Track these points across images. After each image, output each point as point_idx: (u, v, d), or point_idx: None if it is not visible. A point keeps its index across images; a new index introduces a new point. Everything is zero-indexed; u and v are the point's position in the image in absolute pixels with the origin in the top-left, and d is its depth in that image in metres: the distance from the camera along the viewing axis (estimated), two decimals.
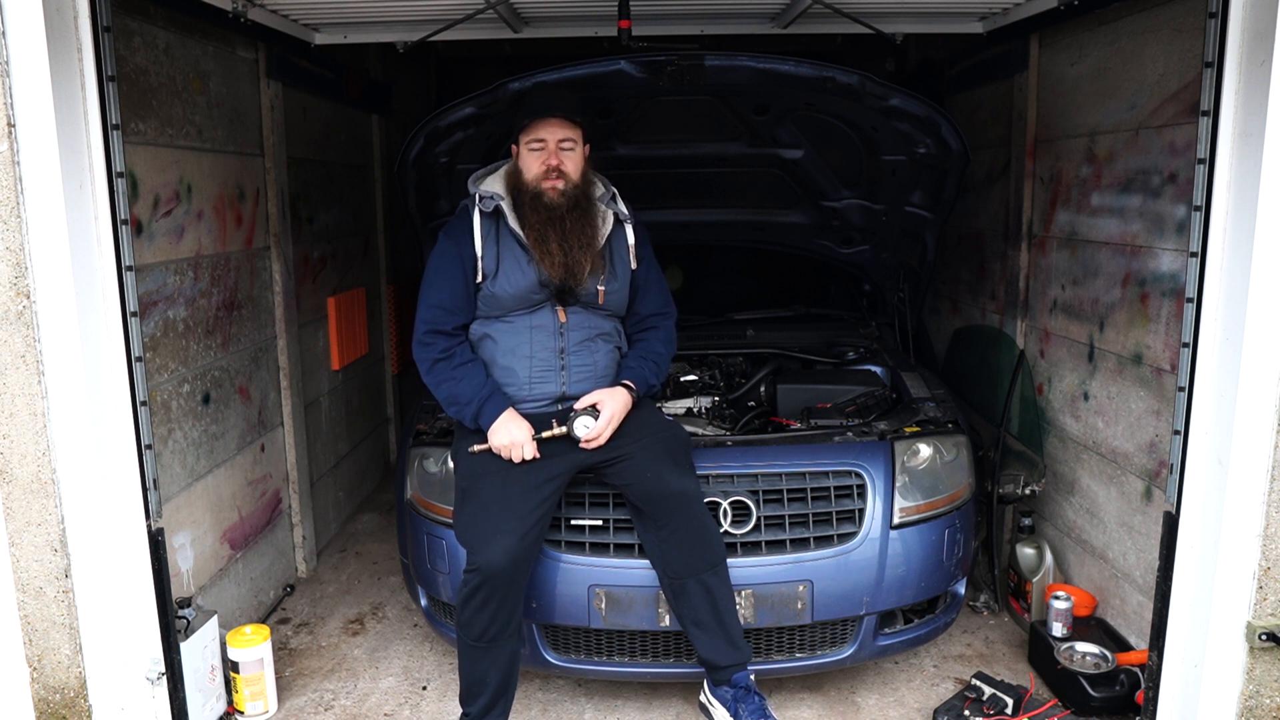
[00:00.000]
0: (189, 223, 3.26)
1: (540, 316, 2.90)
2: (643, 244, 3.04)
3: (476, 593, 2.69)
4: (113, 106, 2.48)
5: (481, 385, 2.85)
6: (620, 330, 3.07)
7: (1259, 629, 2.53)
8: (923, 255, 4.13)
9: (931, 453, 3.14)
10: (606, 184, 3.01)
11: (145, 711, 2.72)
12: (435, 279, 2.92)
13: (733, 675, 2.87)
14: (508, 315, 2.90)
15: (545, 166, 2.83)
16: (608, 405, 2.83)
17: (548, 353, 2.90)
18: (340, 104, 4.82)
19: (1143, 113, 3.12)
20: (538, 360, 2.90)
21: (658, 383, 3.05)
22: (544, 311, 2.90)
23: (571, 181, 2.86)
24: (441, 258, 2.92)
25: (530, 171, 2.86)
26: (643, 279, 3.05)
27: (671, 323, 3.15)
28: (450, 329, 2.90)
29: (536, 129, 2.85)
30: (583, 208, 2.87)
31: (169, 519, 3.00)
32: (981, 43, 3.95)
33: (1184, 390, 2.61)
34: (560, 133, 2.85)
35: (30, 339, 2.37)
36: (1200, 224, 2.52)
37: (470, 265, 2.87)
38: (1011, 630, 3.72)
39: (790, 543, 2.91)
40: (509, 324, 2.91)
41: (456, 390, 2.85)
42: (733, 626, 2.84)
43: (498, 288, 2.86)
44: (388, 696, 3.33)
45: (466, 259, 2.87)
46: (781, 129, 3.84)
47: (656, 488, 2.81)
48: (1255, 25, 2.36)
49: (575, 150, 2.89)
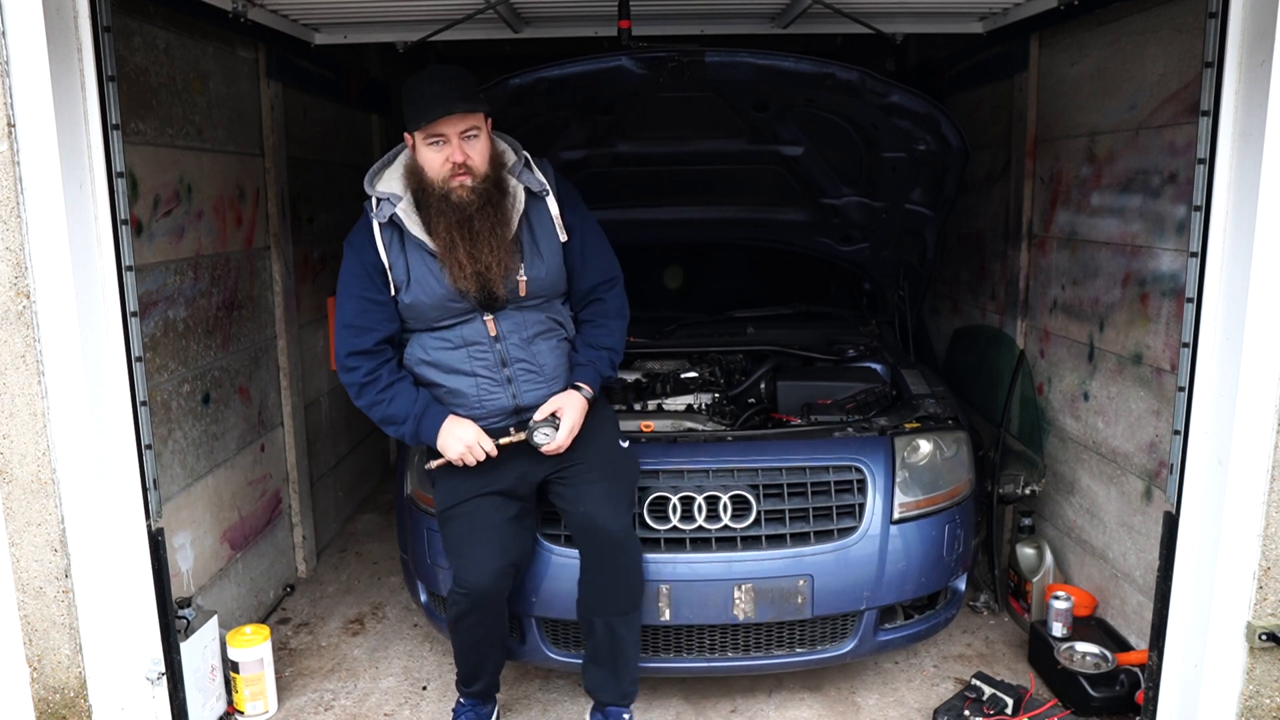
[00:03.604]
0: (189, 223, 3.26)
1: (471, 329, 2.68)
2: (571, 210, 2.74)
3: (468, 614, 2.77)
4: (113, 106, 2.48)
5: (414, 401, 2.68)
6: (563, 313, 2.81)
7: (1259, 629, 2.53)
8: (923, 253, 4.13)
9: (931, 448, 3.14)
10: (517, 149, 2.72)
11: (145, 711, 2.72)
12: (343, 298, 2.69)
13: (608, 708, 2.95)
14: (436, 328, 2.69)
15: (451, 164, 2.54)
16: (567, 414, 2.71)
17: (489, 368, 2.70)
18: (340, 104, 4.82)
19: (1143, 113, 3.12)
20: (481, 377, 2.70)
21: (614, 373, 2.92)
22: (473, 324, 2.68)
23: (480, 174, 2.56)
24: (347, 273, 2.69)
25: (433, 170, 2.56)
26: (578, 249, 2.75)
27: (619, 289, 2.90)
28: (370, 347, 2.67)
29: (436, 125, 2.51)
30: (495, 200, 2.59)
31: (169, 519, 2.99)
32: (981, 43, 3.95)
33: (1184, 390, 2.61)
34: (462, 124, 2.52)
35: (30, 339, 2.37)
36: (1200, 224, 2.52)
37: (379, 277, 2.64)
38: (1011, 630, 3.71)
39: (790, 537, 2.92)
40: (442, 340, 2.69)
41: (390, 411, 2.68)
42: (625, 671, 2.89)
43: (413, 298, 2.64)
44: (388, 696, 3.33)
45: (374, 270, 2.64)
46: (781, 126, 3.84)
47: (587, 524, 2.77)
48: (1255, 25, 2.36)
49: (480, 136, 2.56)
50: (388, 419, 2.70)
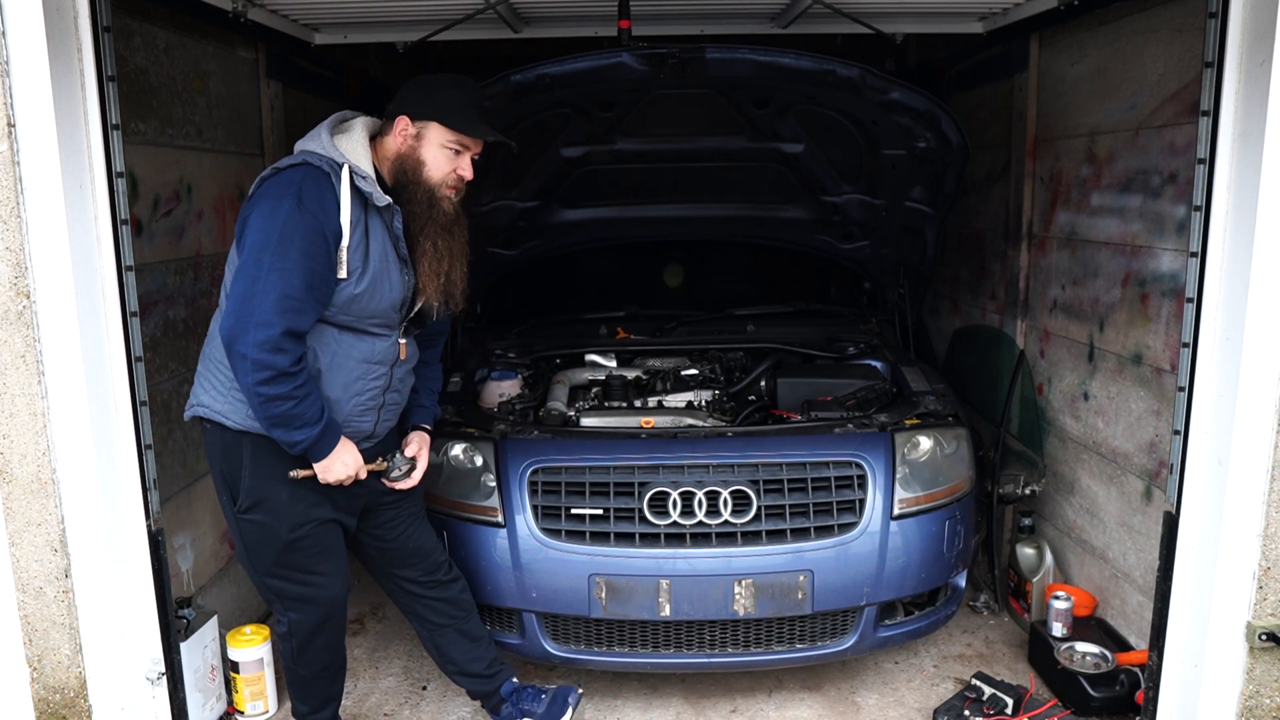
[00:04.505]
0: (189, 222, 3.27)
1: (383, 346, 2.53)
2: None
3: (319, 634, 2.71)
4: (113, 106, 2.48)
5: (321, 409, 2.40)
6: None
7: (1259, 629, 2.53)
8: (923, 251, 4.13)
9: (932, 445, 3.14)
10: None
11: (145, 711, 2.72)
12: (287, 262, 2.26)
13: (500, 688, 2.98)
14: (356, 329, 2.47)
15: (457, 176, 2.53)
16: (424, 456, 2.76)
17: (374, 390, 2.55)
18: (340, 104, 4.79)
19: (1143, 113, 3.12)
20: (365, 397, 2.54)
21: None
22: (388, 341, 2.54)
23: (461, 195, 2.60)
24: (295, 233, 2.27)
25: (436, 171, 2.49)
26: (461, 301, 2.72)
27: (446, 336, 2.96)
28: (306, 329, 2.36)
29: (470, 138, 2.52)
30: (461, 222, 2.60)
31: (169, 519, 2.99)
32: (981, 43, 3.95)
33: (1184, 390, 2.61)
34: (478, 149, 2.58)
35: (30, 339, 2.37)
36: (1200, 224, 2.52)
37: (333, 250, 2.35)
38: (1011, 630, 3.72)
39: (791, 533, 2.92)
40: (345, 346, 2.46)
41: (300, 410, 2.34)
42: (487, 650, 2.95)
43: (364, 290, 2.41)
44: (388, 696, 3.33)
45: (333, 242, 2.34)
46: (782, 123, 3.84)
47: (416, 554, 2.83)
48: (1255, 25, 2.36)
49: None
50: (290, 419, 2.34)
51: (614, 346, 3.94)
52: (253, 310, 2.26)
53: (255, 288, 2.27)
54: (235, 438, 2.49)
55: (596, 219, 4.33)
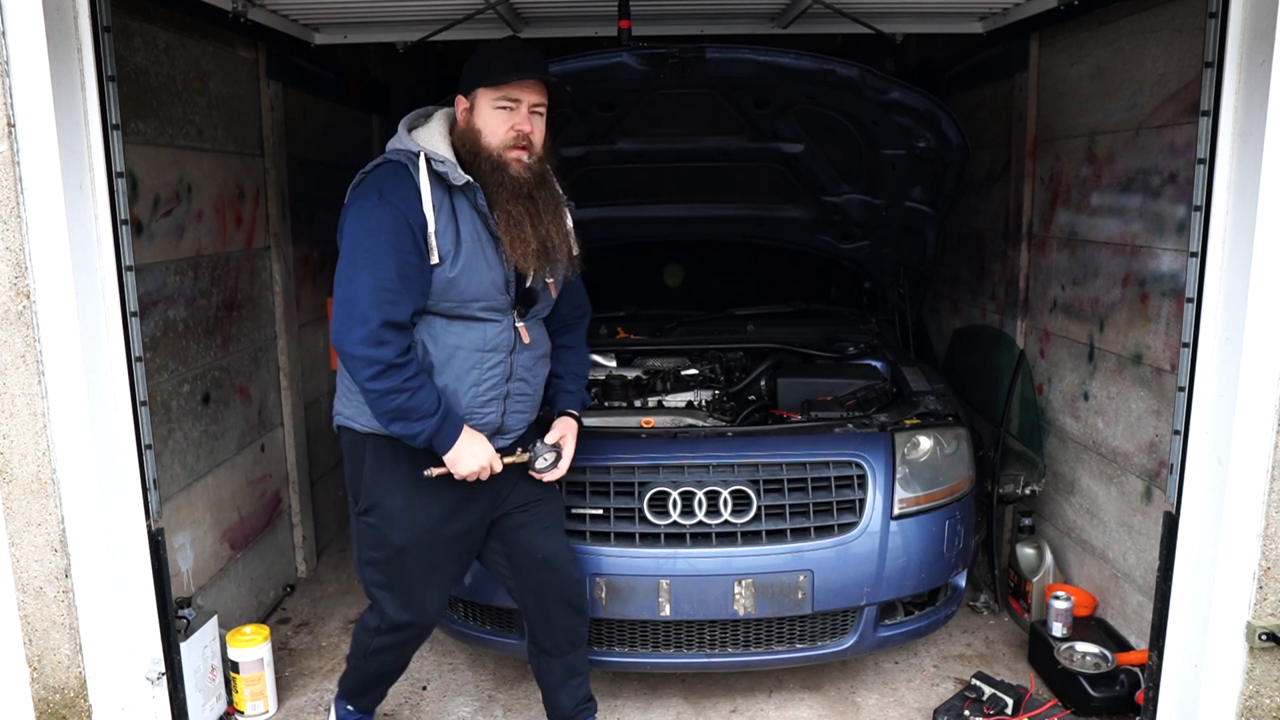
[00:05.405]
0: (189, 223, 3.26)
1: (497, 332, 2.46)
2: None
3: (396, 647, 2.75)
4: (113, 106, 2.48)
5: (437, 399, 2.36)
6: None
7: (1259, 629, 2.53)
8: (923, 251, 4.14)
9: (932, 445, 3.15)
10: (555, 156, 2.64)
11: (145, 711, 2.72)
12: (375, 255, 2.28)
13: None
14: (463, 316, 2.43)
15: (515, 132, 2.39)
16: (569, 443, 2.66)
17: (496, 379, 2.47)
18: (340, 104, 4.82)
19: (1143, 113, 3.12)
20: (484, 387, 2.46)
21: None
22: (503, 326, 2.47)
23: (536, 154, 2.45)
24: (380, 227, 2.29)
25: (493, 135, 2.40)
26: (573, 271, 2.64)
27: (588, 319, 2.86)
28: (406, 320, 2.33)
29: (511, 87, 2.39)
30: (548, 185, 2.49)
31: (169, 519, 3.00)
32: (981, 43, 3.95)
33: (1184, 390, 2.61)
34: (535, 96, 2.42)
35: (30, 339, 2.37)
36: (1200, 224, 2.52)
37: (423, 239, 2.33)
38: (1011, 630, 3.72)
39: (791, 532, 2.92)
40: (455, 335, 2.42)
41: (414, 403, 2.32)
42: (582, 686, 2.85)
43: (460, 272, 2.37)
44: (388, 696, 3.32)
45: (419, 230, 2.33)
46: (782, 123, 3.85)
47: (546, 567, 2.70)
48: (1255, 25, 2.36)
49: (543, 117, 2.47)
50: (406, 412, 2.33)
51: (614, 346, 3.94)
52: (352, 310, 2.30)
53: (351, 288, 2.31)
54: (361, 440, 2.53)
55: (596, 219, 4.33)
